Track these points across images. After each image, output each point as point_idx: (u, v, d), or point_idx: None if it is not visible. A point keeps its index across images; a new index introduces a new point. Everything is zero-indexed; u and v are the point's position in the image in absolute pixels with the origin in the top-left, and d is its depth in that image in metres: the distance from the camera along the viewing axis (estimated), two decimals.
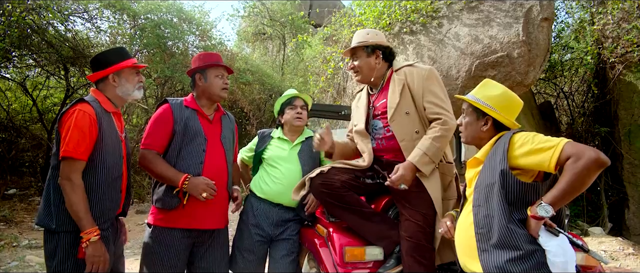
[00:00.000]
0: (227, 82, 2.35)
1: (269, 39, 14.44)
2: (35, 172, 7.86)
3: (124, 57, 2.01)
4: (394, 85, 2.20)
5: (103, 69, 1.97)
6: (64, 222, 1.79)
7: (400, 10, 5.89)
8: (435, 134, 2.06)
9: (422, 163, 2.02)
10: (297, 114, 2.55)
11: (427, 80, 2.15)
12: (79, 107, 1.83)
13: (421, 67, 2.22)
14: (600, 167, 1.40)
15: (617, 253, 4.83)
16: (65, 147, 1.76)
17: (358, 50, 2.29)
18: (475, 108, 1.77)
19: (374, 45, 2.26)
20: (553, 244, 1.47)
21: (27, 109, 8.32)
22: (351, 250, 2.13)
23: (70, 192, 1.76)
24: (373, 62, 2.27)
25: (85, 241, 1.76)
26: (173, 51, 8.31)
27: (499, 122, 1.73)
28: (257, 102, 9.34)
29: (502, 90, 1.76)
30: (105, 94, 1.99)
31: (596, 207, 6.78)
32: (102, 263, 1.79)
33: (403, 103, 2.15)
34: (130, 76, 2.02)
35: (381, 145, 2.25)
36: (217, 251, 2.32)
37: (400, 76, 2.21)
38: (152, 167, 2.13)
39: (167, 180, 2.13)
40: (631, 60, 6.29)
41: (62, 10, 6.88)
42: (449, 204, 2.14)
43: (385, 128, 2.22)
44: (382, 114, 2.23)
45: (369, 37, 2.28)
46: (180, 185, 2.08)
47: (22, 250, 4.81)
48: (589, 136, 7.30)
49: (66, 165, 1.78)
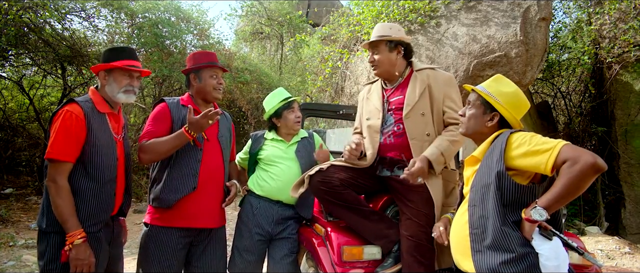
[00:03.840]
0: (221, 82, 2.34)
1: (267, 38, 14.42)
2: (32, 171, 7.83)
3: (119, 56, 1.96)
4: (414, 84, 2.19)
5: (102, 63, 1.95)
6: (54, 222, 1.78)
7: (399, 9, 5.89)
8: (453, 137, 2.06)
9: (437, 162, 2.01)
10: (297, 118, 2.55)
11: (449, 86, 2.18)
12: (67, 108, 1.81)
13: (443, 73, 2.24)
14: (596, 172, 1.38)
15: (613, 252, 4.85)
16: (50, 149, 1.75)
17: (380, 44, 2.25)
18: (484, 101, 1.73)
19: (397, 40, 2.24)
20: (546, 247, 1.47)
21: (24, 108, 8.29)
22: (349, 249, 2.14)
23: (55, 194, 1.75)
24: (394, 57, 2.24)
25: (69, 243, 1.74)
26: (171, 50, 8.28)
27: (504, 120, 1.72)
28: (255, 101, 9.32)
29: (515, 89, 1.74)
30: (100, 93, 1.96)
31: (593, 207, 6.80)
32: (86, 267, 1.76)
33: (421, 103, 2.15)
34: (119, 77, 1.95)
35: (389, 141, 2.23)
36: (215, 250, 2.31)
37: (423, 77, 2.20)
38: (153, 146, 2.06)
39: (176, 142, 2.06)
40: (628, 60, 6.32)
41: (59, 9, 6.85)
42: (448, 212, 2.11)
43: (396, 124, 2.20)
44: (396, 110, 2.21)
45: (392, 31, 2.25)
46: (188, 135, 2.04)
47: (18, 250, 4.79)
48: (586, 136, 7.32)
49: (51, 167, 1.77)
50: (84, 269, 1.76)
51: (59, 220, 1.76)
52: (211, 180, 2.24)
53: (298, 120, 2.56)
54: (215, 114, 2.04)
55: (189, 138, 2.06)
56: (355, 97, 6.34)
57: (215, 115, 2.04)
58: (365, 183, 2.26)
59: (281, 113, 2.55)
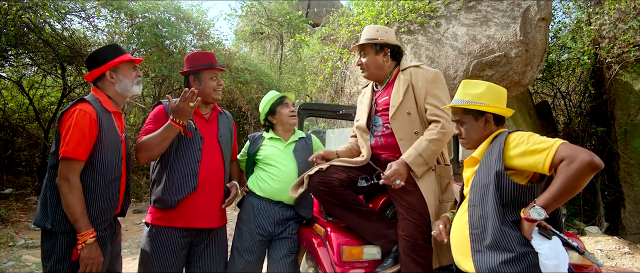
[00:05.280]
0: (221, 83, 2.34)
1: (266, 38, 14.41)
2: (31, 171, 7.83)
3: (118, 52, 1.98)
4: (398, 84, 2.20)
5: (99, 67, 1.94)
6: (61, 222, 1.78)
7: (398, 9, 5.90)
8: (433, 136, 2.05)
9: (415, 164, 2.01)
10: (291, 112, 2.57)
11: (431, 83, 2.16)
12: (80, 106, 1.80)
13: (427, 69, 2.22)
14: (593, 170, 1.39)
15: (613, 252, 4.85)
16: (65, 147, 1.74)
17: (366, 47, 2.28)
18: (469, 111, 1.76)
19: (383, 43, 2.25)
20: (545, 247, 1.47)
21: (24, 108, 8.29)
22: (349, 249, 2.13)
23: (68, 193, 1.75)
24: (381, 59, 2.26)
25: (81, 243, 1.74)
26: (171, 50, 8.29)
27: (496, 115, 1.73)
28: (254, 101, 9.31)
29: (487, 85, 1.77)
30: (105, 93, 1.96)
31: (593, 207, 6.81)
32: (95, 266, 1.78)
33: (406, 103, 2.15)
34: (127, 71, 1.99)
35: (379, 143, 2.25)
36: (215, 250, 2.32)
37: (406, 76, 2.21)
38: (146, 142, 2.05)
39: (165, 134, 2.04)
40: (627, 60, 6.33)
41: (58, 9, 6.85)
42: (446, 207, 2.12)
43: (384, 125, 2.23)
44: (384, 110, 2.23)
45: (378, 34, 2.26)
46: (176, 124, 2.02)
47: (18, 250, 4.79)
48: (585, 136, 7.33)
49: (65, 165, 1.76)
50: (93, 268, 1.77)
51: (71, 219, 1.75)
52: (211, 180, 2.24)
53: (292, 114, 2.57)
54: (192, 93, 2.01)
55: (177, 127, 2.04)
56: (354, 97, 6.34)
57: (193, 96, 2.01)
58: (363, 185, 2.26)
59: (275, 109, 2.58)
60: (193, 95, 2.01)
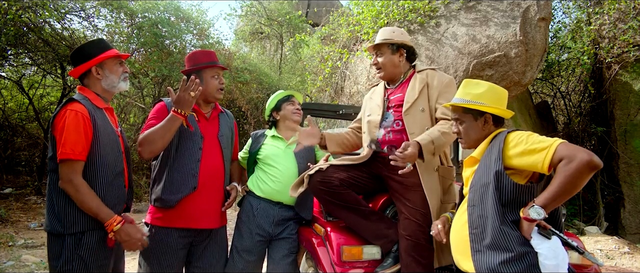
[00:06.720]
0: (222, 82, 2.34)
1: (266, 38, 14.41)
2: (31, 171, 7.83)
3: (104, 48, 1.93)
4: (414, 83, 2.25)
5: (84, 62, 1.90)
6: (68, 224, 1.77)
7: (398, 9, 5.89)
8: (444, 129, 2.06)
9: (426, 149, 1.97)
10: (296, 109, 2.61)
11: (446, 87, 2.22)
12: (70, 107, 1.78)
13: (444, 75, 2.29)
14: (592, 170, 1.39)
15: (613, 252, 4.86)
16: (62, 149, 1.72)
17: (383, 47, 2.33)
18: (469, 110, 1.76)
19: (400, 43, 2.30)
20: (545, 246, 1.47)
21: (23, 107, 8.29)
22: (349, 249, 2.14)
23: (75, 193, 1.74)
24: (397, 59, 2.31)
25: (111, 232, 1.77)
26: (170, 50, 8.28)
27: (496, 116, 1.74)
28: (254, 101, 9.32)
29: (488, 85, 1.77)
30: (92, 90, 1.93)
31: (592, 206, 6.82)
32: (139, 241, 1.83)
33: (420, 100, 2.19)
34: (113, 67, 1.94)
35: (387, 138, 2.25)
36: (215, 250, 2.32)
37: (423, 76, 2.27)
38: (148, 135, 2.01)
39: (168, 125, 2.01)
40: (627, 60, 6.33)
41: (58, 9, 6.85)
42: (447, 208, 2.13)
43: (395, 121, 2.24)
44: (396, 107, 2.26)
45: (394, 35, 2.33)
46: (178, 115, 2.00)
47: (17, 250, 4.79)
48: (585, 136, 7.34)
49: (65, 167, 1.74)
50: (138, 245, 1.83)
51: (91, 215, 1.76)
52: (211, 180, 2.24)
53: (297, 110, 2.61)
54: (192, 82, 1.99)
55: (180, 118, 2.01)
56: (354, 96, 6.34)
57: (193, 84, 1.99)
58: (365, 183, 2.27)
59: (281, 105, 2.62)
60: (193, 83, 1.99)
